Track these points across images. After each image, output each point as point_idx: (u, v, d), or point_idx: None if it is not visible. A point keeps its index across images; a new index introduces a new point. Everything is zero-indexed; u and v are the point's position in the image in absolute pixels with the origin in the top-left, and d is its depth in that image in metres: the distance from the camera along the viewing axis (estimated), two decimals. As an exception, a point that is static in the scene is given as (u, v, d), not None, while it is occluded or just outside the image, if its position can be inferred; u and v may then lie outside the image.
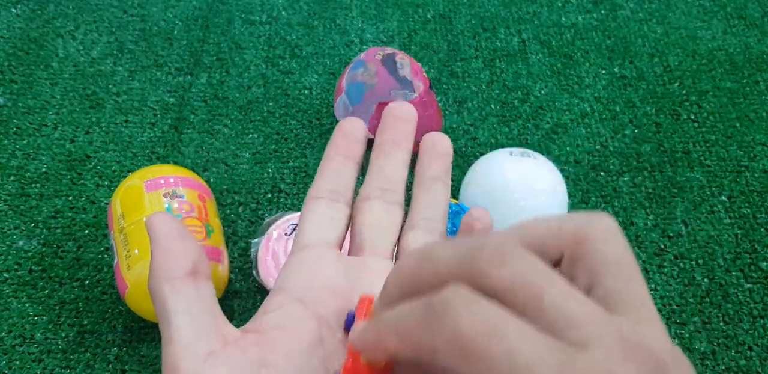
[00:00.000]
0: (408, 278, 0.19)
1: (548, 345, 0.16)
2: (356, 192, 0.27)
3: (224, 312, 0.55)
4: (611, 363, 0.16)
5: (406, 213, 0.28)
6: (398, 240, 0.27)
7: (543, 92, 0.73)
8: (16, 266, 0.57)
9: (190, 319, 0.21)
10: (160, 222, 0.22)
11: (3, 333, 0.54)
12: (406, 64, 0.63)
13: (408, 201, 0.28)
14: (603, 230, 0.19)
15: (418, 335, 0.17)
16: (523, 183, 0.56)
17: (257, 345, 0.21)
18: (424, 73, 0.64)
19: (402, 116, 0.28)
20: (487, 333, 0.16)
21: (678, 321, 0.57)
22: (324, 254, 0.25)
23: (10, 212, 0.61)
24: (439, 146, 0.28)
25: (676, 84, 0.74)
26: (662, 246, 0.62)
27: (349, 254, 0.26)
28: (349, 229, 0.27)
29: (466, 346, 0.16)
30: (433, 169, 0.28)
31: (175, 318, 0.21)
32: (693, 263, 0.61)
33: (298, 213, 0.59)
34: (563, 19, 0.80)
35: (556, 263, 0.20)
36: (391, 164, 0.27)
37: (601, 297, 0.18)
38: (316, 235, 0.25)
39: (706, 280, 0.60)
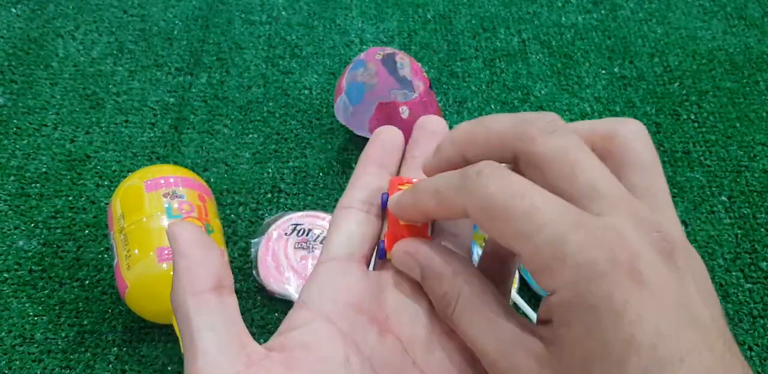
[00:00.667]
0: (462, 138, 0.22)
1: (567, 208, 0.18)
2: None
3: (224, 312, 0.55)
4: (625, 228, 0.17)
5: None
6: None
7: (543, 92, 0.73)
8: (16, 266, 0.57)
9: (214, 337, 0.20)
10: (183, 231, 0.22)
11: (3, 333, 0.54)
12: (406, 64, 0.63)
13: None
14: (632, 130, 0.21)
15: (452, 196, 0.20)
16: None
17: (282, 366, 0.21)
18: (424, 73, 0.64)
19: (435, 129, 0.28)
20: (512, 194, 0.18)
21: (678, 321, 0.57)
22: (351, 270, 0.24)
23: (10, 212, 0.61)
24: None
25: (676, 84, 0.74)
26: (662, 246, 0.62)
27: (374, 268, 0.26)
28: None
29: (493, 205, 0.18)
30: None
31: (199, 335, 0.20)
32: (693, 263, 0.61)
33: (298, 213, 0.59)
34: (563, 19, 0.80)
35: None
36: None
37: (627, 187, 0.19)
38: (344, 247, 0.24)
39: (706, 280, 0.60)
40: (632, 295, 0.16)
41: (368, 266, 0.24)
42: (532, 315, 0.53)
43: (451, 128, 0.71)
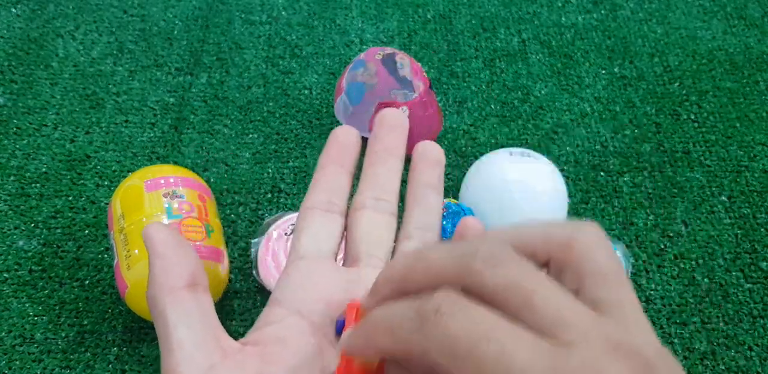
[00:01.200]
0: (400, 277, 0.20)
1: (539, 347, 0.16)
2: (350, 200, 0.27)
3: (224, 311, 0.55)
4: (601, 361, 0.16)
5: (399, 221, 0.28)
6: (393, 250, 0.27)
7: (543, 92, 0.73)
8: (16, 267, 0.57)
9: (190, 332, 0.21)
10: (158, 232, 0.22)
11: (3, 333, 0.54)
12: (406, 64, 0.63)
13: (400, 209, 0.27)
14: (590, 238, 0.19)
15: (410, 337, 0.18)
16: (523, 183, 0.56)
17: (257, 359, 0.21)
18: (424, 73, 0.64)
19: (394, 123, 0.28)
20: (479, 336, 0.16)
21: (678, 321, 0.57)
22: (321, 266, 0.25)
23: (10, 212, 0.61)
24: (432, 155, 0.28)
25: (676, 84, 0.74)
26: (662, 246, 0.62)
27: (344, 264, 0.26)
28: (344, 239, 0.27)
29: (459, 349, 0.17)
30: (426, 178, 0.27)
31: (175, 330, 0.21)
32: (693, 263, 0.61)
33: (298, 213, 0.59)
34: (563, 19, 0.80)
35: (544, 268, 0.20)
36: (384, 173, 0.27)
37: (589, 301, 0.18)
38: (312, 246, 0.25)
39: (706, 280, 0.60)
40: None
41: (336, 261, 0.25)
42: None
43: (450, 127, 0.70)
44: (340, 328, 0.23)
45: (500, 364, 0.16)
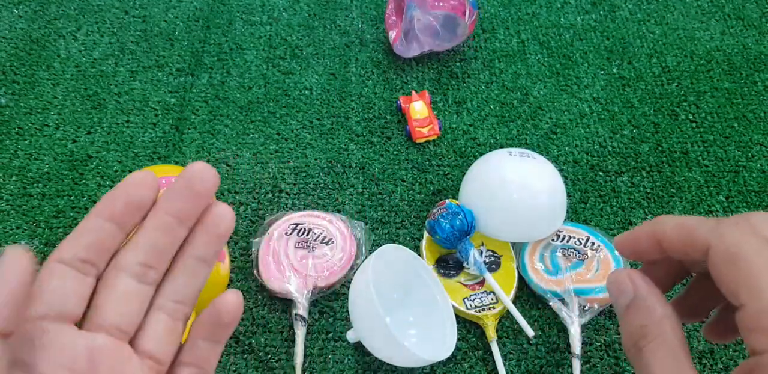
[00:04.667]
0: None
1: None
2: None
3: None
4: None
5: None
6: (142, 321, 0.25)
7: (542, 93, 0.73)
8: (18, 266, 0.58)
9: None
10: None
11: (6, 332, 0.54)
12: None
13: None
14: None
15: (698, 232, 0.21)
16: (522, 183, 0.57)
17: None
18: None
19: (199, 188, 0.25)
20: (759, 250, 0.19)
21: (676, 320, 0.57)
22: (64, 331, 0.23)
23: (12, 211, 0.61)
24: (221, 228, 0.26)
25: (675, 84, 0.75)
26: (660, 246, 0.62)
27: (84, 326, 0.24)
28: (93, 299, 0.25)
29: (739, 254, 0.19)
30: (203, 250, 0.26)
31: None
32: (691, 262, 0.61)
33: (299, 213, 0.60)
34: (562, 19, 0.81)
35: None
36: (164, 241, 0.25)
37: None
38: (57, 305, 0.23)
39: (704, 279, 0.60)
40: None
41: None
42: (525, 326, 0.54)
43: (450, 127, 0.70)
44: None
45: None
